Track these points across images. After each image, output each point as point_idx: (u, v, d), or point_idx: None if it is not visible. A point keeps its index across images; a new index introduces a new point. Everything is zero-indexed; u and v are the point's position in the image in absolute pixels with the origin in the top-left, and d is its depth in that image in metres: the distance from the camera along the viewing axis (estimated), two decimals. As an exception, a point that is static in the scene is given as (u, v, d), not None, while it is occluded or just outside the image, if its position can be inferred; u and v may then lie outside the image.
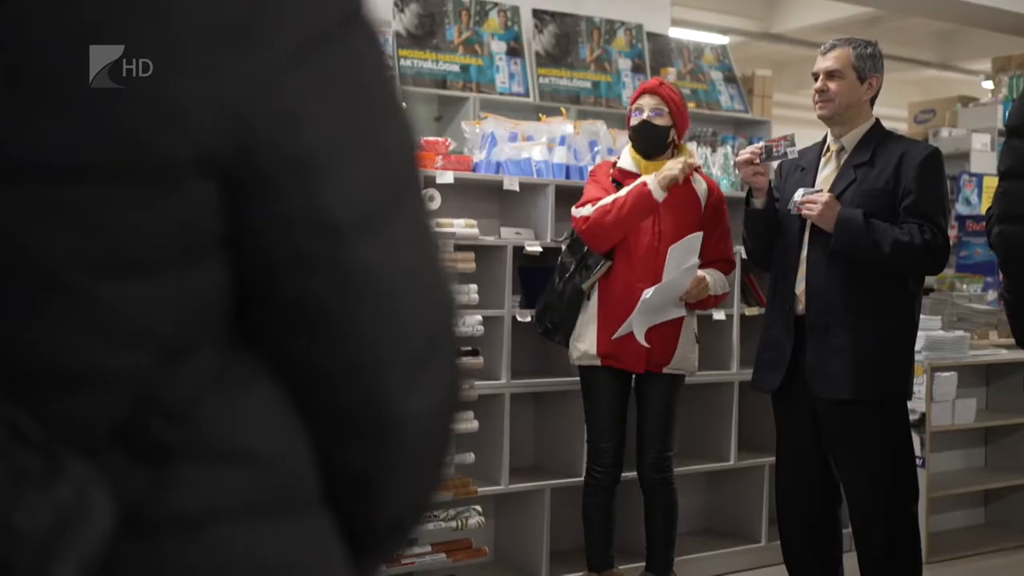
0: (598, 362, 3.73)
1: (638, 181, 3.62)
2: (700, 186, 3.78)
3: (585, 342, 3.74)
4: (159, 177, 0.66)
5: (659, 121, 3.67)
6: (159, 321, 0.69)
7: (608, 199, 3.62)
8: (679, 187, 3.66)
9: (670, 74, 6.90)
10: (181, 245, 0.68)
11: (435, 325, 0.79)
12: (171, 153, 0.66)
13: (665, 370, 3.71)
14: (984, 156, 7.90)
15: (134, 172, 0.65)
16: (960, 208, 7.82)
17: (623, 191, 3.62)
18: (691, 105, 7.07)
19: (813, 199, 3.30)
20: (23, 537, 0.59)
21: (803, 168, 3.51)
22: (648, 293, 3.59)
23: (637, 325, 3.62)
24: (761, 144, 3.52)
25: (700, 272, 3.66)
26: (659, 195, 3.58)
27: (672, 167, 3.60)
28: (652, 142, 3.69)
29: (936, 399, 4.77)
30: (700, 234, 3.63)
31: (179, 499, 0.69)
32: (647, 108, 3.68)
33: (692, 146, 4.38)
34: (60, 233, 0.64)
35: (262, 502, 0.73)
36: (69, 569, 0.61)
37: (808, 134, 3.82)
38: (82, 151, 0.64)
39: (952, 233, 7.78)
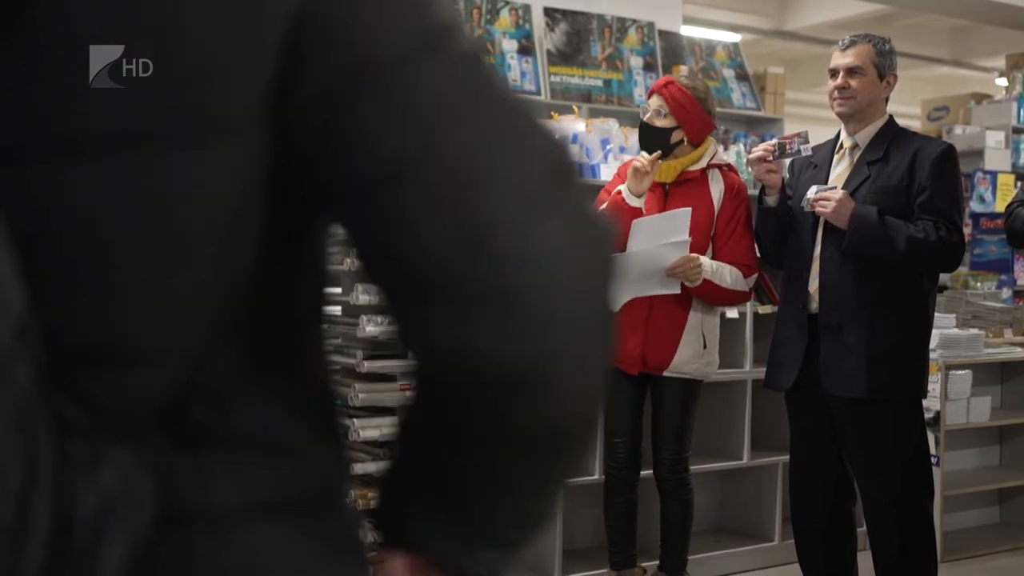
0: None
1: (616, 190, 3.62)
2: (716, 185, 3.66)
3: None
4: (213, 133, 0.65)
5: (660, 122, 3.61)
6: (208, 298, 0.68)
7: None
8: (690, 186, 3.62)
9: (682, 71, 6.89)
10: (229, 216, 0.67)
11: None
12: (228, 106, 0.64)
13: (666, 373, 3.63)
14: (998, 153, 7.86)
15: (188, 135, 0.64)
16: (974, 205, 7.78)
17: (605, 203, 3.61)
18: (703, 103, 7.06)
19: (827, 196, 3.28)
20: (71, 522, 0.59)
21: (816, 165, 3.49)
22: None
23: None
24: (774, 141, 3.50)
25: (705, 260, 3.54)
26: (632, 200, 3.54)
27: (634, 165, 3.54)
28: (651, 143, 3.62)
29: (950, 397, 4.74)
30: (687, 210, 3.51)
31: (216, 491, 0.69)
32: (651, 109, 3.66)
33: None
34: (112, 204, 0.64)
35: (295, 498, 0.72)
36: (116, 554, 0.61)
37: (821, 132, 3.80)
38: (134, 121, 0.63)
39: (966, 231, 7.75)
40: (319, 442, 0.75)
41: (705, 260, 3.55)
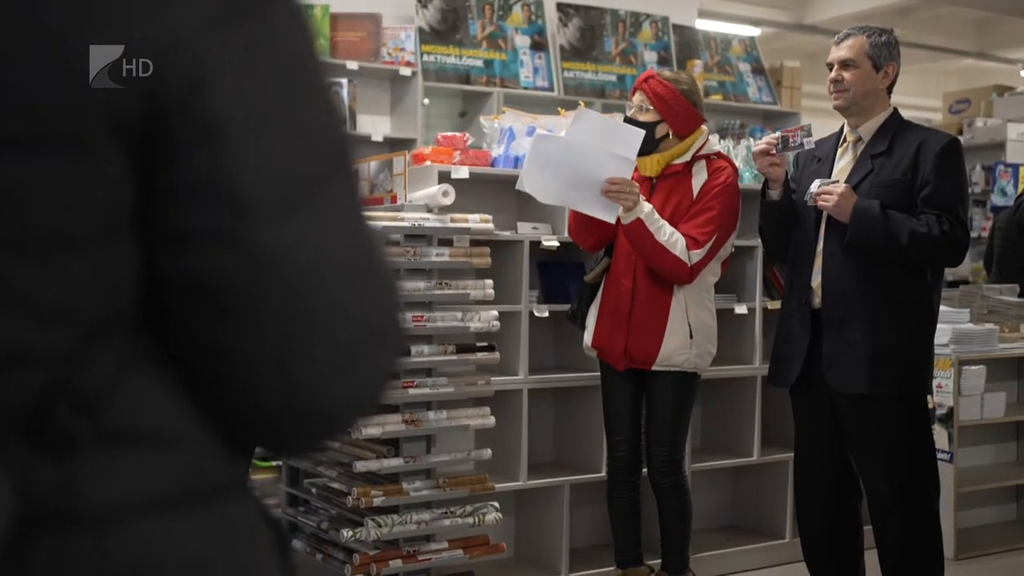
0: (595, 353, 3.72)
1: None
2: (699, 178, 3.62)
3: (586, 333, 3.74)
4: (69, 146, 0.64)
5: (643, 117, 3.60)
6: (79, 301, 0.67)
7: None
8: (674, 180, 3.61)
9: (696, 66, 6.85)
10: (98, 219, 0.66)
11: (369, 317, 0.75)
12: (80, 118, 0.64)
13: (656, 368, 3.58)
14: (1020, 146, 7.77)
15: (43, 142, 0.63)
16: (995, 199, 7.70)
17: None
18: (718, 97, 7.03)
19: (829, 190, 3.25)
20: None
21: (819, 159, 3.46)
22: (540, 131, 3.53)
23: (528, 174, 3.43)
24: (777, 135, 3.46)
25: (647, 203, 3.48)
26: None
27: None
28: None
29: (964, 393, 4.68)
30: (641, 132, 3.45)
31: (90, 491, 0.67)
32: (634, 105, 3.65)
33: (714, 137, 4.27)
34: None
35: (178, 491, 0.70)
36: None
37: (836, 125, 3.75)
38: None
39: (988, 224, 7.67)
40: (203, 428, 0.73)
41: (647, 204, 3.49)
